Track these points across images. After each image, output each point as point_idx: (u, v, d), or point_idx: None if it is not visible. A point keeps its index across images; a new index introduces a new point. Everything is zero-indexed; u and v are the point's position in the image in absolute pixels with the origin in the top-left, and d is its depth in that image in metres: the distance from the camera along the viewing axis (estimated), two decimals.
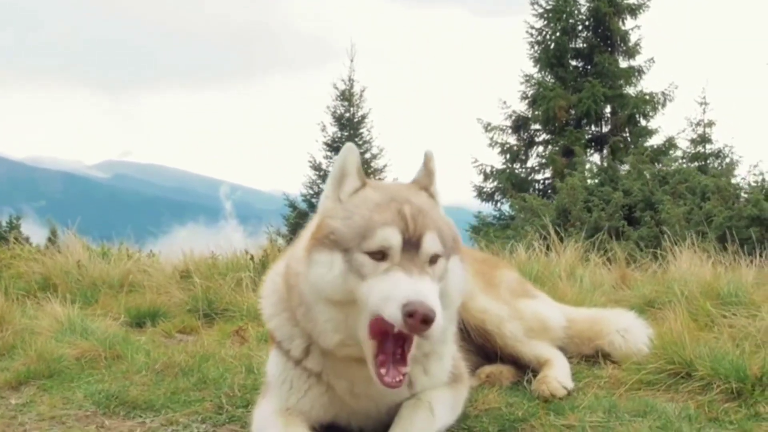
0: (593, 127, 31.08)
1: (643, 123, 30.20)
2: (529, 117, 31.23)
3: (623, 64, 31.13)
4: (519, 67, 31.53)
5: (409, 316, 2.73)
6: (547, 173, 30.69)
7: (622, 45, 31.06)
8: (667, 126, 30.94)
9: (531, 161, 31.62)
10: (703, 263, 7.11)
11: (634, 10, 30.69)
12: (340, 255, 2.97)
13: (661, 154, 23.88)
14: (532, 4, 31.35)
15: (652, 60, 31.00)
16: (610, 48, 31.10)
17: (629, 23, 31.07)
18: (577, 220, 14.71)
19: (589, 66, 31.15)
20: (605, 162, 27.67)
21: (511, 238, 9.20)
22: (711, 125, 26.84)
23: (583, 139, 29.58)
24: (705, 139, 26.70)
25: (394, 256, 2.92)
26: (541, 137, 31.59)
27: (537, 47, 31.53)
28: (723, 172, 16.28)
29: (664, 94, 30.23)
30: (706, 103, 26.90)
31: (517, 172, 31.27)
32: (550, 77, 31.34)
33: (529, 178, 31.33)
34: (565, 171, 21.33)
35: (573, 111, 30.14)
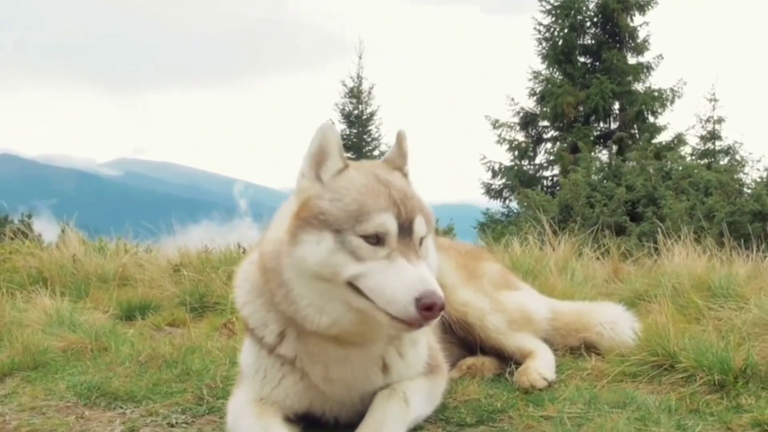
0: (601, 124, 31.01)
1: (652, 120, 30.19)
2: (537, 114, 31.24)
3: (631, 60, 31.09)
4: (527, 64, 31.57)
5: (427, 309, 2.77)
6: (556, 170, 30.63)
7: (630, 41, 31.00)
8: (676, 123, 30.88)
9: (539, 158, 31.67)
10: (699, 257, 7.08)
11: (642, 6, 30.62)
12: (330, 234, 2.95)
13: (670, 150, 23.79)
14: (540, 0, 31.29)
15: (660, 56, 31.01)
16: (618, 44, 31.05)
17: (637, 19, 31.06)
18: (580, 215, 14.68)
19: (597, 62, 31.12)
20: (613, 158, 27.65)
21: (513, 233, 9.20)
22: (720, 122, 26.83)
23: (592, 136, 29.58)
24: (714, 136, 26.67)
25: (390, 241, 2.94)
26: (549, 134, 31.64)
27: (545, 44, 31.52)
28: (729, 168, 16.20)
29: (672, 90, 30.20)
30: (715, 100, 26.89)
31: (525, 168, 31.28)
32: (558, 74, 31.34)
33: (537, 174, 31.35)
34: (569, 167, 21.32)
35: (581, 108, 30.14)
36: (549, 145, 31.55)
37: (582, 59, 31.60)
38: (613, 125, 30.84)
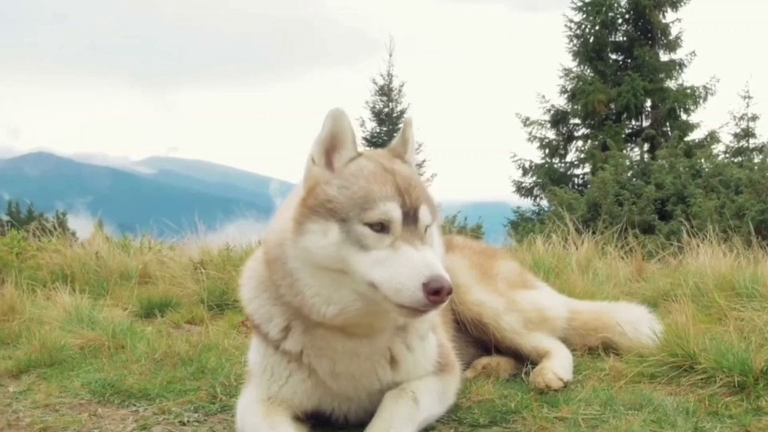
0: (633, 122, 30.73)
1: (684, 117, 29.80)
2: (568, 111, 30.95)
3: (664, 57, 30.71)
4: (558, 61, 31.32)
5: (435, 293, 2.75)
6: (587, 168, 30.36)
7: (662, 38, 30.65)
8: (709, 120, 30.54)
9: (570, 156, 31.34)
10: (725, 256, 6.98)
11: (675, 2, 30.25)
12: (336, 224, 2.93)
13: (702, 148, 23.52)
14: None
15: (693, 53, 30.61)
16: (650, 41, 30.70)
17: (670, 16, 30.64)
18: (608, 214, 14.55)
19: (629, 59, 30.80)
20: (644, 156, 27.41)
21: (541, 232, 9.12)
22: (755, 119, 26.47)
23: (623, 134, 29.30)
24: (748, 134, 26.33)
25: (395, 229, 2.92)
26: (581, 131, 31.31)
27: (576, 41, 31.24)
28: (762, 166, 15.95)
29: (705, 87, 29.78)
30: (749, 97, 26.55)
31: (556, 166, 31.02)
32: (589, 71, 31.03)
33: (568, 172, 31.08)
34: (599, 165, 21.15)
35: (612, 105, 29.85)
36: (580, 143, 31.26)
37: (613, 56, 31.29)
38: (645, 123, 30.53)
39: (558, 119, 31.21)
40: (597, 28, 30.71)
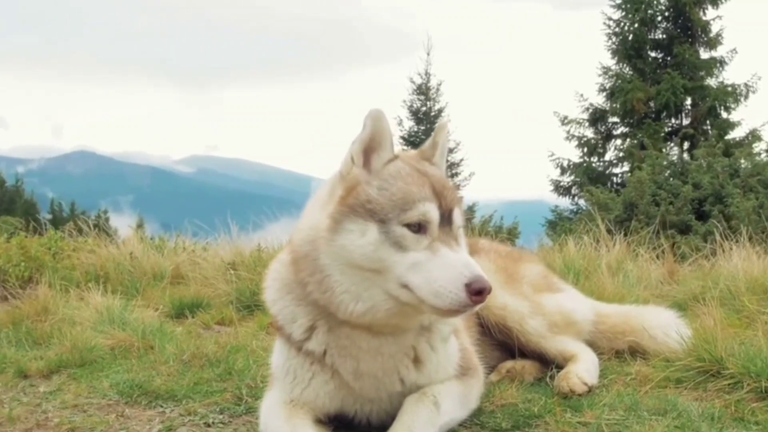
0: (673, 120, 30.43)
1: (725, 115, 29.48)
2: (607, 110, 30.79)
3: (704, 55, 30.42)
4: (597, 60, 31.13)
5: (478, 294, 2.81)
6: (626, 167, 30.11)
7: (702, 35, 30.35)
8: (750, 118, 30.11)
9: (609, 155, 31.19)
10: (760, 258, 6.88)
11: None
12: (375, 225, 2.96)
13: (743, 147, 23.18)
14: None
15: (734, 50, 30.29)
16: (690, 38, 30.40)
17: (710, 13, 30.40)
18: (644, 214, 14.41)
19: (669, 57, 30.56)
20: (685, 155, 27.11)
21: (577, 232, 9.06)
22: None
23: (662, 132, 29.00)
24: None
25: (433, 230, 2.97)
26: (619, 130, 31.13)
27: (615, 39, 31.08)
28: None
29: (746, 85, 29.46)
30: None
31: (595, 165, 30.87)
32: (628, 69, 30.85)
33: (607, 171, 30.90)
34: (637, 164, 20.95)
35: (652, 103, 29.59)
36: (619, 142, 31.07)
37: (653, 54, 31.06)
38: (685, 121, 30.22)
39: (596, 118, 31.05)
40: (636, 25, 30.52)
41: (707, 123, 29.59)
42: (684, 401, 3.80)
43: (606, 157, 31.17)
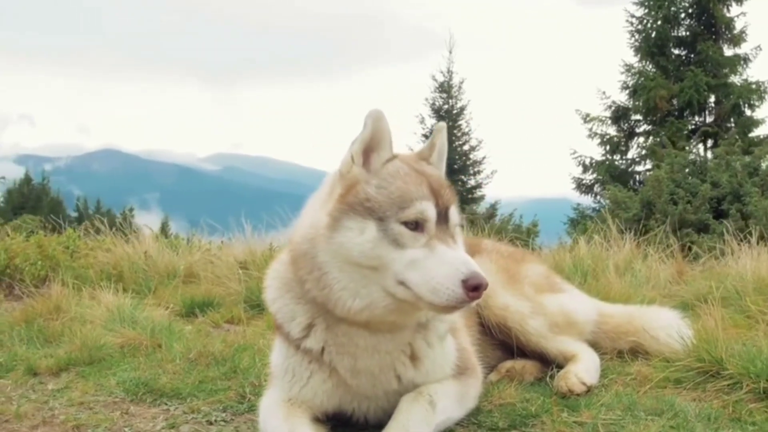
0: (696, 118, 30.21)
1: (749, 113, 29.23)
2: (630, 107, 30.64)
3: (728, 52, 30.18)
4: (619, 57, 30.96)
5: (474, 289, 2.85)
6: (648, 165, 29.90)
7: (726, 32, 30.11)
8: None
9: (631, 152, 30.98)
10: None
11: None
12: (373, 223, 3.01)
13: (764, 144, 22.95)
14: None
15: (758, 47, 30.02)
16: (713, 36, 30.17)
17: (734, 10, 30.17)
18: (661, 212, 14.32)
19: (692, 54, 30.32)
20: (709, 153, 26.92)
21: (582, 233, 9.03)
22: None
23: (686, 130, 28.81)
24: None
25: (430, 228, 3.03)
26: (642, 128, 30.95)
27: (638, 36, 30.89)
28: None
29: None
30: None
31: (617, 163, 30.69)
32: (651, 66, 30.66)
33: (630, 169, 30.70)
34: (658, 162, 20.80)
35: (675, 101, 29.38)
36: (641, 140, 30.87)
37: (676, 51, 30.84)
38: (709, 119, 30.01)
39: (619, 115, 30.90)
40: (659, 22, 30.32)
41: (731, 121, 29.34)
42: (682, 401, 3.81)
43: (628, 155, 31.01)
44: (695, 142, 28.53)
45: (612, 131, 31.01)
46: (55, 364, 5.00)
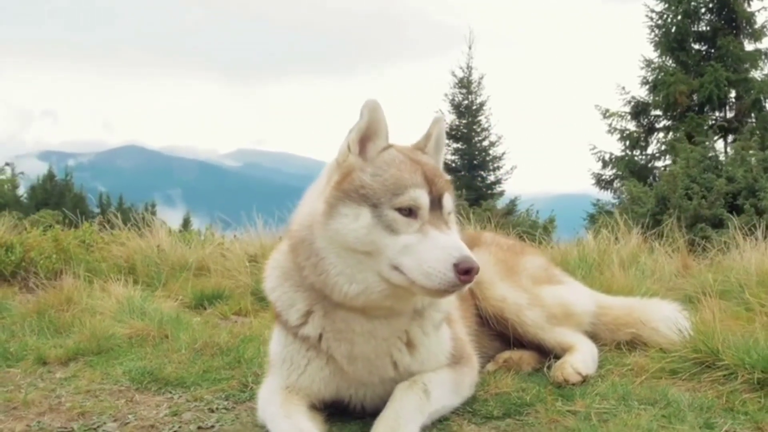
0: (717, 113, 29.99)
1: None
2: (649, 103, 30.38)
3: (748, 47, 29.83)
4: (639, 52, 30.76)
5: (465, 273, 2.91)
6: (668, 160, 29.71)
7: (747, 27, 29.82)
8: None
9: (651, 148, 30.73)
10: None
11: None
12: (368, 209, 3.09)
13: None
14: None
15: None
16: (734, 31, 29.89)
17: (755, 4, 29.80)
18: (676, 207, 14.27)
19: (712, 50, 30.00)
20: (729, 149, 26.74)
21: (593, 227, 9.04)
22: None
23: (706, 125, 28.58)
24: None
25: (423, 214, 3.10)
26: (662, 123, 30.70)
27: (657, 31, 30.59)
28: None
29: None
30: None
31: (637, 159, 30.49)
32: (670, 62, 30.38)
33: (649, 165, 30.49)
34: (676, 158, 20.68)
35: (695, 96, 29.16)
36: (661, 135, 30.67)
37: (696, 46, 30.54)
38: (729, 114, 29.77)
39: (638, 111, 30.67)
40: (679, 18, 30.02)
41: (751, 116, 29.11)
42: (676, 392, 3.84)
43: (648, 151, 30.78)
44: (715, 137, 28.31)
45: (631, 127, 30.81)
46: (64, 353, 5.09)
